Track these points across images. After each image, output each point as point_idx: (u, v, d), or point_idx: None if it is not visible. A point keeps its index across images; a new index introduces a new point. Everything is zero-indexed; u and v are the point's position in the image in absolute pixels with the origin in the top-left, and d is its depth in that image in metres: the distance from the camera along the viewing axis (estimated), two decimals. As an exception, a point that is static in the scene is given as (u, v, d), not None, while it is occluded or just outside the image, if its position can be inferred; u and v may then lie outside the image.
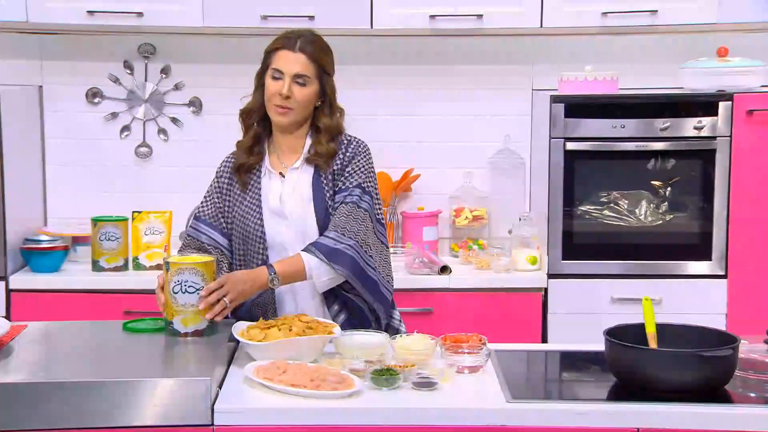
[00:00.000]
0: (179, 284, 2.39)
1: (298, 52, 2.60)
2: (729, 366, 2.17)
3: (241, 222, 2.66)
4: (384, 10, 3.61)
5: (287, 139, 2.68)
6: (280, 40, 2.65)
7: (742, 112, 3.44)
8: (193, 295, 2.38)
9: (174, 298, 2.39)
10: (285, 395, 2.13)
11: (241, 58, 3.97)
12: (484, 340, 2.39)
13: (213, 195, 2.72)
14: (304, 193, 2.64)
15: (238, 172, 2.68)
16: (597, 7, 3.57)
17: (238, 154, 2.71)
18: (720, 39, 3.63)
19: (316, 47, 2.64)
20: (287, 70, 2.59)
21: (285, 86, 2.58)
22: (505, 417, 2.10)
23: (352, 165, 2.65)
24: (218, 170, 2.75)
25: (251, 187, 2.67)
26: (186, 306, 2.38)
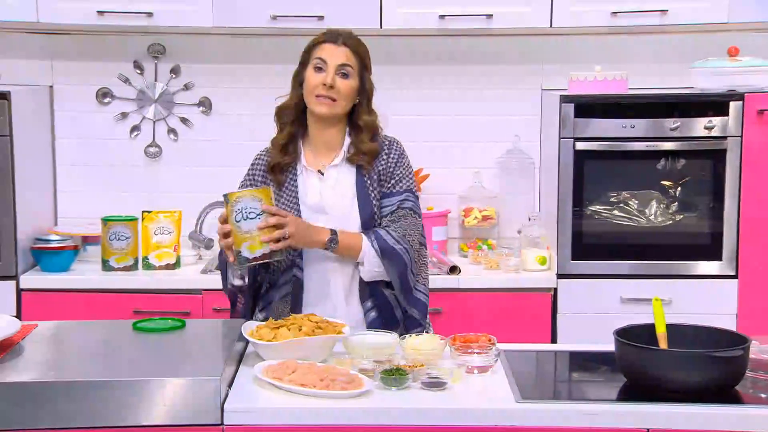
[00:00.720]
0: (240, 212, 2.43)
1: (342, 45, 2.65)
2: (739, 366, 2.16)
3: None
4: (393, 9, 3.61)
5: (324, 136, 2.68)
6: (322, 35, 2.69)
7: (752, 112, 3.43)
8: (254, 220, 2.44)
9: (238, 227, 2.44)
10: (294, 395, 2.13)
11: (251, 58, 3.99)
12: (493, 340, 2.39)
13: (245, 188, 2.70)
14: (346, 191, 2.66)
15: (273, 171, 2.68)
16: (606, 6, 3.56)
17: (272, 152, 2.71)
18: (730, 38, 3.61)
19: (359, 43, 2.69)
20: (331, 61, 2.62)
21: (329, 76, 2.61)
22: (515, 417, 2.09)
23: (400, 168, 2.69)
24: (252, 165, 2.74)
25: (287, 184, 2.68)
26: (250, 232, 2.44)
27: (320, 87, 2.61)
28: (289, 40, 3.91)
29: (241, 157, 4.00)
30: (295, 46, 3.93)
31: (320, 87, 2.61)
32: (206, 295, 3.52)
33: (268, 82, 3.99)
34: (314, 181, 2.68)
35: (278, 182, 2.67)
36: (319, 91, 2.61)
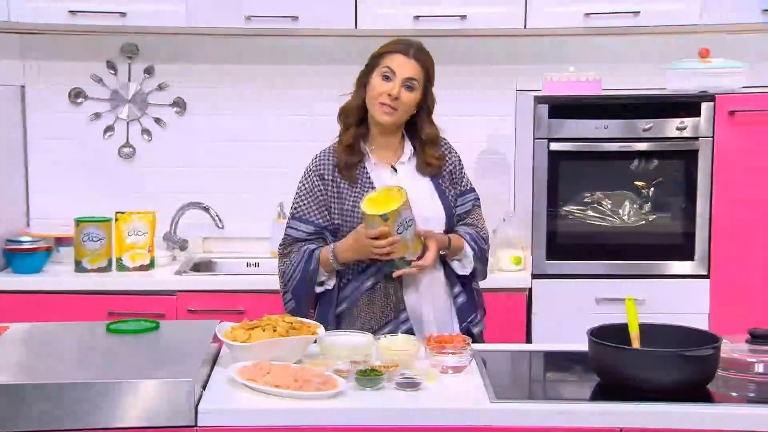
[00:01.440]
0: (402, 224, 2.54)
1: (412, 58, 2.69)
2: (711, 366, 2.18)
3: (359, 214, 2.65)
4: (368, 10, 3.61)
5: (386, 137, 2.74)
6: (394, 44, 2.72)
7: (724, 112, 3.46)
8: (411, 227, 2.57)
9: (402, 237, 2.56)
10: (269, 396, 2.13)
11: (225, 59, 3.98)
12: (468, 341, 2.40)
13: (314, 192, 2.71)
14: (422, 189, 2.73)
15: (347, 169, 2.71)
16: (580, 7, 3.59)
17: (340, 152, 2.72)
18: (702, 40, 3.65)
19: (428, 57, 2.73)
20: (400, 73, 2.66)
21: (396, 87, 2.64)
22: (489, 417, 2.10)
23: (462, 169, 2.83)
24: (317, 167, 2.74)
25: (361, 180, 2.71)
26: (410, 239, 2.58)
27: (385, 96, 2.66)
28: (264, 40, 3.93)
29: (216, 157, 4.03)
30: (269, 46, 3.98)
31: (385, 96, 2.66)
32: (181, 297, 3.50)
33: (243, 83, 4.00)
34: (387, 175, 2.73)
35: (351, 180, 2.71)
36: (384, 100, 2.66)
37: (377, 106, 2.67)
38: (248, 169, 4.03)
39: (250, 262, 3.92)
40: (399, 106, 2.66)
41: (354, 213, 2.68)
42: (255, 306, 3.35)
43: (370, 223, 2.54)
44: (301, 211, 2.73)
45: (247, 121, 4.02)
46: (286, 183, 3.99)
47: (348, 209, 2.69)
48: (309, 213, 2.72)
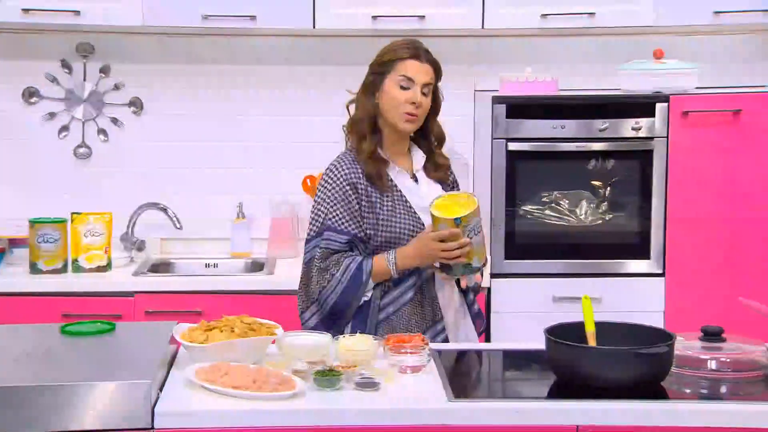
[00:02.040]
0: (472, 230, 2.54)
1: (426, 63, 2.66)
2: (665, 363, 2.21)
3: (396, 223, 2.64)
4: (326, 10, 3.61)
5: (401, 145, 2.73)
6: (404, 49, 2.66)
7: (677, 113, 3.51)
8: (479, 234, 2.58)
9: (470, 243, 2.55)
10: (226, 397, 2.12)
11: (182, 58, 3.96)
12: (426, 340, 2.40)
13: (348, 201, 2.63)
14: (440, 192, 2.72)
15: (378, 179, 2.66)
16: (536, 8, 3.62)
17: (367, 162, 2.66)
18: (656, 41, 3.69)
19: (434, 59, 2.70)
20: (418, 80, 2.63)
21: (417, 94, 2.62)
22: (447, 416, 2.11)
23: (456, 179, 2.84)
24: (347, 176, 2.65)
25: (391, 189, 2.67)
26: (479, 244, 2.58)
27: (408, 105, 2.63)
28: (221, 40, 3.91)
29: (174, 157, 4.00)
30: (227, 46, 3.96)
31: (408, 105, 2.63)
32: (138, 298, 3.47)
33: (201, 83, 3.97)
34: (411, 184, 2.71)
35: (383, 188, 2.66)
36: (407, 109, 2.63)
37: (401, 116, 2.63)
38: (207, 170, 4.01)
39: (208, 263, 3.90)
40: (420, 113, 2.64)
41: (390, 223, 2.64)
42: (213, 307, 3.33)
43: (442, 226, 2.52)
44: (336, 221, 2.63)
45: (205, 121, 4.00)
46: (246, 183, 4.01)
47: (384, 219, 2.64)
48: (344, 223, 2.63)
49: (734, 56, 3.92)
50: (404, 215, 2.66)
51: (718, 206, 3.53)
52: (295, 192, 3.95)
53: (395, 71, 2.64)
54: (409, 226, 2.66)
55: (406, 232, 2.65)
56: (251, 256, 3.91)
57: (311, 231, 2.69)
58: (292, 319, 3.26)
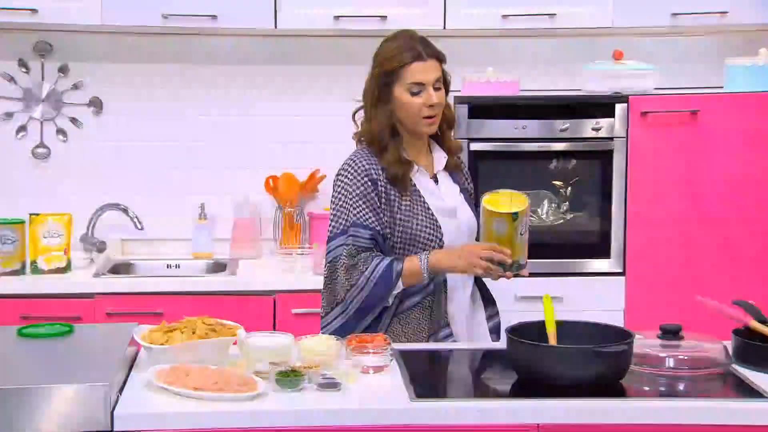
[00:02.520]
0: (524, 225, 2.53)
1: (429, 59, 2.59)
2: (624, 361, 2.23)
3: (415, 225, 2.60)
4: (288, 10, 3.60)
5: (420, 145, 2.69)
6: (404, 54, 2.58)
7: (637, 113, 3.54)
8: (527, 232, 2.56)
9: (522, 240, 2.54)
10: (187, 399, 2.10)
11: (143, 57, 3.93)
12: (388, 340, 2.41)
13: (370, 199, 2.59)
14: (458, 196, 2.71)
15: (401, 181, 2.62)
16: (497, 10, 3.64)
17: (391, 163, 2.61)
18: (615, 42, 3.73)
19: (433, 45, 2.64)
20: (428, 81, 2.58)
21: (433, 96, 2.58)
22: (408, 416, 2.11)
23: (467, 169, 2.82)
24: (366, 171, 2.60)
25: (410, 190, 2.63)
26: (527, 241, 2.57)
27: (425, 109, 2.58)
28: (182, 39, 3.88)
29: (135, 157, 3.96)
30: (188, 45, 3.93)
31: (425, 109, 2.58)
32: (99, 299, 3.44)
33: (162, 82, 3.95)
34: (431, 184, 2.68)
35: (404, 190, 2.62)
36: (426, 113, 2.59)
37: (422, 121, 2.60)
38: (168, 170, 3.98)
39: (170, 264, 3.88)
40: (438, 111, 2.62)
41: (408, 223, 2.60)
42: (175, 308, 3.30)
43: (497, 222, 2.49)
44: (360, 216, 2.58)
45: (166, 121, 3.97)
46: (208, 183, 3.99)
47: (401, 219, 2.60)
48: (367, 218, 2.58)
49: (692, 57, 3.97)
50: (422, 217, 2.62)
51: (677, 205, 3.57)
52: (257, 192, 3.94)
53: (402, 79, 2.57)
54: (426, 228, 2.61)
55: (422, 234, 2.61)
56: (213, 256, 3.89)
57: (334, 229, 2.62)
58: (255, 319, 3.28)
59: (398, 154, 2.62)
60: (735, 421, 2.12)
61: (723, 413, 2.13)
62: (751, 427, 2.12)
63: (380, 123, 2.62)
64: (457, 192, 2.72)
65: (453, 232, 2.65)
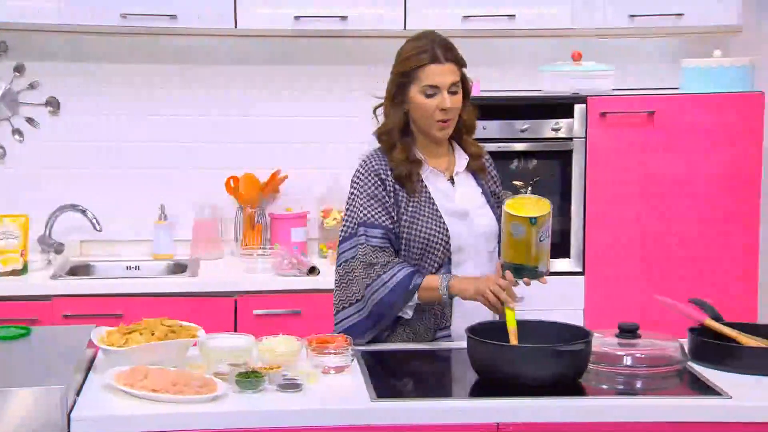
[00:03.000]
0: (545, 232, 2.45)
1: (447, 63, 2.55)
2: (583, 360, 2.25)
3: (422, 226, 2.58)
4: (248, 10, 3.58)
5: (437, 147, 2.65)
6: (421, 55, 2.56)
7: (595, 114, 3.57)
8: (549, 237, 2.48)
9: (541, 246, 2.46)
10: (146, 401, 2.09)
11: (101, 57, 3.89)
12: (349, 341, 2.41)
13: (381, 198, 2.58)
14: (475, 196, 2.67)
15: (409, 179, 2.59)
16: (458, 10, 3.65)
17: (398, 162, 2.59)
18: (574, 43, 3.76)
19: (454, 49, 2.59)
20: (443, 84, 2.54)
21: (446, 100, 2.54)
22: (369, 416, 2.12)
23: (497, 175, 2.76)
24: (375, 170, 2.60)
25: (420, 191, 2.60)
26: (547, 248, 2.49)
27: (438, 113, 2.55)
28: (141, 39, 3.85)
29: (93, 158, 3.92)
30: (147, 45, 3.90)
31: (438, 113, 2.55)
32: (56, 301, 3.40)
33: (120, 82, 3.91)
34: (445, 185, 2.64)
35: (412, 190, 2.59)
36: (439, 117, 2.56)
37: (434, 124, 2.57)
38: (127, 170, 3.95)
39: (130, 266, 3.84)
40: (452, 115, 2.58)
41: (412, 226, 2.58)
42: (135, 310, 3.27)
43: (515, 225, 2.45)
44: (370, 215, 2.57)
45: (124, 121, 3.94)
46: (168, 184, 3.96)
47: (406, 220, 2.58)
48: (378, 217, 2.57)
49: (649, 58, 4.02)
50: (428, 219, 2.59)
51: (635, 205, 3.61)
52: (218, 193, 3.92)
53: (418, 80, 2.55)
54: (431, 230, 2.58)
55: (427, 235, 2.58)
56: (174, 257, 3.86)
57: (346, 230, 2.62)
58: (216, 320, 3.26)
59: (406, 153, 2.60)
60: (691, 418, 2.15)
61: (679, 411, 2.16)
62: (707, 423, 2.15)
63: (393, 121, 2.61)
64: (477, 195, 2.67)
65: (464, 235, 2.61)
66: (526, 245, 2.46)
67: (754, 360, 2.33)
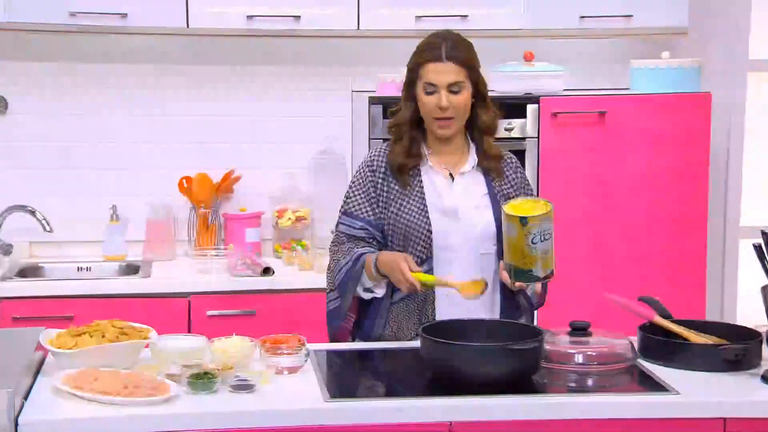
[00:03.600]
0: (540, 234, 2.42)
1: (447, 61, 2.55)
2: (535, 358, 2.27)
3: (405, 220, 2.58)
4: (200, 9, 3.56)
5: (445, 145, 2.64)
6: (424, 52, 2.58)
7: (547, 114, 3.61)
8: (548, 241, 2.45)
9: (534, 248, 2.43)
10: (97, 404, 2.07)
11: (50, 56, 3.84)
12: (303, 341, 2.40)
13: (367, 189, 2.62)
14: (477, 197, 2.63)
15: (399, 172, 2.60)
16: (411, 10, 3.65)
17: (396, 154, 2.61)
18: (527, 44, 3.79)
19: (462, 49, 2.59)
20: (440, 83, 2.54)
21: (443, 98, 2.54)
22: (323, 416, 2.12)
23: (524, 179, 2.73)
24: (370, 163, 2.65)
25: (412, 184, 2.61)
26: (545, 252, 2.45)
27: (436, 110, 2.55)
28: (91, 38, 3.80)
29: (42, 158, 3.87)
30: (96, 44, 3.85)
31: (436, 110, 2.55)
32: (5, 304, 3.35)
33: (70, 81, 3.86)
34: (442, 183, 2.63)
35: (404, 183, 2.60)
36: (436, 114, 2.56)
37: (434, 122, 2.58)
38: (78, 171, 3.90)
39: (81, 267, 3.80)
40: (453, 114, 2.56)
41: (399, 218, 2.59)
42: (86, 312, 3.23)
43: (507, 225, 2.45)
44: (351, 206, 2.65)
45: (75, 121, 3.89)
46: (119, 184, 3.92)
47: (393, 212, 2.60)
48: (359, 209, 2.63)
49: (599, 59, 4.06)
50: (413, 213, 2.60)
51: (586, 204, 3.64)
52: (171, 193, 3.89)
53: (421, 77, 2.57)
54: (413, 225, 2.59)
55: (408, 231, 2.59)
56: (126, 258, 3.82)
57: (338, 218, 2.71)
58: (169, 322, 3.24)
59: (409, 146, 2.62)
60: (640, 415, 2.18)
61: (629, 407, 2.19)
62: (656, 420, 2.18)
63: (403, 115, 2.64)
64: (478, 196, 2.64)
65: (452, 233, 2.60)
66: (518, 246, 2.46)
67: (701, 357, 2.36)
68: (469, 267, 2.60)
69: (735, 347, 2.34)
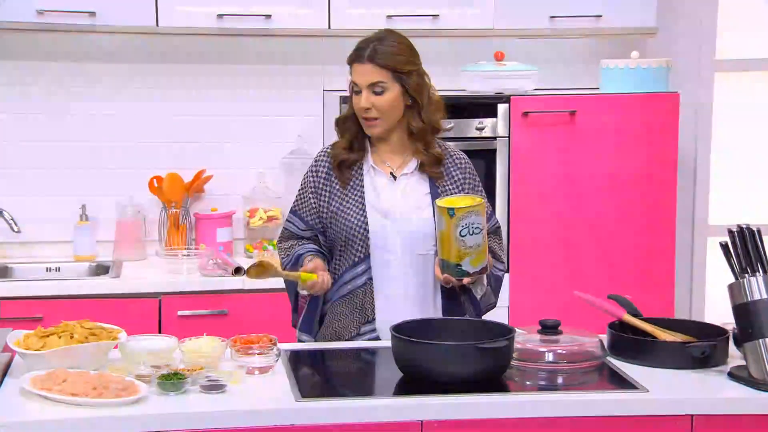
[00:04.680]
0: (467, 227, 2.42)
1: (366, 62, 2.57)
2: (505, 356, 2.28)
3: (343, 218, 2.60)
4: (170, 8, 3.54)
5: (387, 144, 2.65)
6: (352, 53, 2.62)
7: (518, 113, 3.62)
8: (478, 235, 2.44)
9: (462, 241, 2.44)
10: (65, 405, 2.05)
11: (17, 55, 3.80)
12: (274, 340, 2.40)
13: (308, 189, 2.67)
14: (419, 200, 2.63)
15: (339, 169, 2.61)
16: (382, 10, 3.66)
17: (338, 149, 2.63)
18: (497, 44, 3.81)
19: (385, 51, 2.57)
20: (362, 83, 2.57)
21: (362, 99, 2.56)
22: (294, 416, 2.11)
23: (473, 178, 2.72)
24: (314, 163, 2.68)
25: (353, 183, 2.61)
26: (474, 247, 2.44)
27: (361, 110, 2.58)
28: (60, 36, 3.76)
29: (9, 157, 3.84)
30: (64, 43, 3.82)
31: (361, 110, 2.58)
32: (-27, 305, 3.32)
33: (38, 80, 3.83)
34: (382, 182, 2.63)
35: (343, 180, 2.61)
36: (362, 114, 2.58)
37: (363, 122, 2.60)
38: (46, 170, 3.86)
39: (50, 267, 3.76)
40: (378, 115, 2.57)
41: (338, 216, 2.60)
42: (55, 313, 3.20)
43: (438, 217, 2.47)
44: (297, 205, 2.70)
45: (43, 120, 3.85)
46: (88, 184, 3.88)
47: (333, 210, 2.62)
48: (302, 209, 2.68)
49: (569, 59, 4.08)
50: (351, 212, 2.61)
51: (557, 203, 3.67)
52: (141, 193, 3.86)
53: (351, 77, 2.62)
54: (350, 223, 2.60)
55: (345, 228, 2.60)
56: (96, 259, 3.80)
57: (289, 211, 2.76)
58: (140, 322, 3.22)
59: (350, 143, 2.64)
60: (610, 412, 2.20)
61: (599, 405, 2.21)
62: (625, 417, 2.20)
63: (348, 112, 2.67)
64: (419, 196, 2.63)
65: (388, 233, 2.61)
66: (447, 239, 2.48)
67: (670, 354, 2.38)
68: (407, 267, 2.62)
69: (702, 345, 2.36)
